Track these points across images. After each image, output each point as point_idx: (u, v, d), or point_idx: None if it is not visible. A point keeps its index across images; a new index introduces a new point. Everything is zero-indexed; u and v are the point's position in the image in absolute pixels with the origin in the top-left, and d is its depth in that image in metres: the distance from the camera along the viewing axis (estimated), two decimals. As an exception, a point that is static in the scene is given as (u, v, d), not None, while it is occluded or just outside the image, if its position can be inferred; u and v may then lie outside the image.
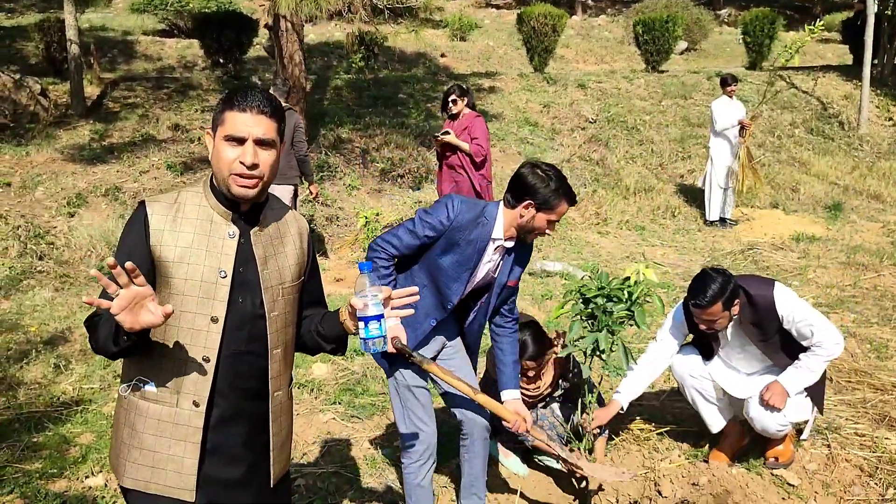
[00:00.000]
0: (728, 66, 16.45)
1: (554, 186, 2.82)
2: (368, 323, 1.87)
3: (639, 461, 3.84)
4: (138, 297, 1.69)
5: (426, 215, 2.91)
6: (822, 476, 3.64)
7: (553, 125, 11.96)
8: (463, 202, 2.91)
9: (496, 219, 2.92)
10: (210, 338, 1.88)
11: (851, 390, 4.54)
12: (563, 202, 2.85)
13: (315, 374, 4.93)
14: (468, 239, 2.89)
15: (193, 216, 1.90)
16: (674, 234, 9.19)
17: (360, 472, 3.82)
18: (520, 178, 2.88)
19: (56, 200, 8.13)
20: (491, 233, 2.91)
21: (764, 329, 3.57)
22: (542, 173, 2.85)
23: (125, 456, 1.94)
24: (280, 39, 9.61)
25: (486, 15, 22.19)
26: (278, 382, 2.02)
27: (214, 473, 1.94)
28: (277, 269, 1.98)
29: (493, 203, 2.97)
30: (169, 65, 14.06)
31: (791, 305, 3.49)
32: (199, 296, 1.87)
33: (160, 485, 1.90)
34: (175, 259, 1.86)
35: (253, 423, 1.99)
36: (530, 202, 2.84)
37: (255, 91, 1.87)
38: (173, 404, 1.89)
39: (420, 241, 2.91)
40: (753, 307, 3.53)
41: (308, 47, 13.74)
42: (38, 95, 10.20)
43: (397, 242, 2.93)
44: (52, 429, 4.21)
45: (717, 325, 3.50)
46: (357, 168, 9.92)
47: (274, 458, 2.05)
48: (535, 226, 2.89)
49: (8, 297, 6.48)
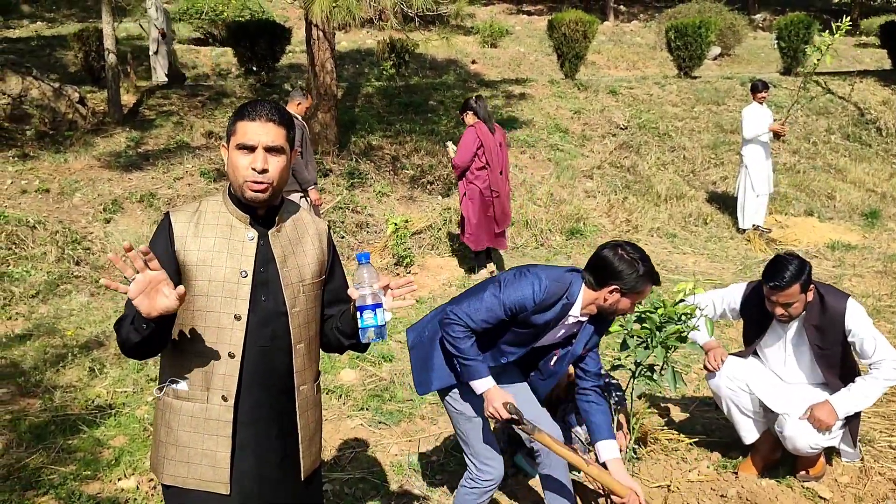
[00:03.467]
0: (762, 71, 16.26)
1: (642, 272, 2.72)
2: (363, 312, 1.92)
3: (667, 472, 3.81)
4: (154, 281, 1.78)
5: (510, 294, 2.77)
6: (855, 489, 3.58)
7: (584, 131, 11.91)
8: (550, 283, 2.77)
9: (579, 299, 2.81)
10: (235, 334, 1.98)
11: (886, 402, 4.45)
12: (648, 285, 2.75)
13: (343, 379, 4.97)
14: (544, 319, 2.79)
15: (214, 222, 2.03)
16: (706, 242, 9.10)
17: (387, 478, 3.84)
18: (604, 262, 2.75)
19: (93, 206, 8.30)
20: (569, 312, 2.82)
21: (825, 336, 3.51)
22: (628, 257, 2.73)
23: (163, 454, 2.04)
24: (312, 47, 9.71)
25: (517, 21, 22.20)
26: (303, 377, 2.11)
27: (247, 467, 2.02)
28: (297, 268, 2.08)
29: (578, 280, 2.84)
30: (203, 73, 14.28)
31: (861, 321, 3.46)
32: (223, 295, 1.98)
33: (196, 479, 2.00)
34: (198, 262, 1.99)
35: (281, 417, 2.07)
36: (616, 288, 2.74)
37: (264, 102, 1.99)
38: (204, 400, 2.00)
39: (501, 319, 2.80)
40: (823, 311, 3.49)
41: (339, 55, 13.86)
42: (76, 104, 10.42)
43: (478, 320, 2.79)
44: (86, 431, 4.29)
45: (794, 309, 3.43)
46: (387, 175, 9.98)
47: (303, 451, 2.13)
48: (619, 308, 2.80)
49: (45, 301, 6.62)
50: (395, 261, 7.84)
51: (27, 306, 6.48)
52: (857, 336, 3.46)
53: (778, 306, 3.44)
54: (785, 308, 3.43)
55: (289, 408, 2.09)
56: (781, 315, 3.47)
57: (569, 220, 9.07)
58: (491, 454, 2.98)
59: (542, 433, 2.76)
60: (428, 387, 3.00)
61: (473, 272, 7.56)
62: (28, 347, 5.60)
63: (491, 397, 2.78)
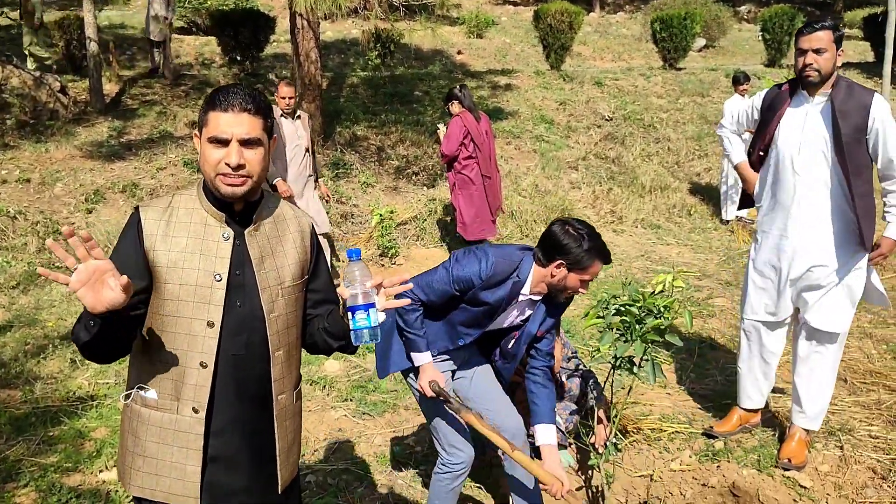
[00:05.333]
0: (747, 63, 16.31)
1: (587, 246, 2.68)
2: (356, 313, 1.78)
3: (649, 461, 3.83)
4: (98, 271, 1.60)
5: (459, 269, 2.78)
6: (835, 478, 3.62)
7: (569, 123, 11.92)
8: (496, 259, 2.76)
9: (529, 277, 2.80)
10: (207, 343, 1.84)
11: (866, 391, 4.50)
12: (596, 262, 2.71)
13: (327, 370, 4.96)
14: (495, 297, 2.78)
15: (187, 220, 1.87)
16: (689, 233, 9.14)
17: (370, 469, 3.83)
18: (551, 237, 2.74)
19: (74, 197, 8.22)
20: (520, 290, 2.81)
21: (847, 120, 3.42)
22: (574, 231, 2.70)
23: (130, 464, 1.93)
24: (296, 37, 9.65)
25: (503, 12, 22.14)
26: (281, 385, 1.97)
27: (218, 480, 1.90)
28: (275, 269, 1.93)
29: (528, 258, 2.82)
30: (187, 62, 14.14)
31: (887, 114, 3.44)
32: (195, 300, 1.83)
33: (165, 492, 1.88)
34: (169, 264, 1.83)
35: (257, 429, 1.95)
36: (562, 262, 2.71)
37: (238, 88, 1.81)
38: (174, 411, 1.87)
39: (450, 294, 2.82)
40: (850, 95, 3.45)
41: (324, 44, 13.77)
42: (57, 93, 10.30)
43: (430, 292, 2.84)
44: (67, 423, 4.26)
45: (824, 60, 3.41)
46: (372, 165, 9.94)
47: (281, 463, 1.99)
48: (567, 285, 2.76)
49: (26, 292, 6.56)
50: (380, 252, 7.82)
51: (7, 297, 6.41)
52: (880, 128, 3.41)
53: (809, 53, 3.42)
54: (816, 55, 3.41)
55: (265, 419, 1.95)
56: (811, 64, 3.42)
57: (554, 211, 9.07)
58: (457, 438, 2.99)
59: (469, 413, 2.77)
60: (386, 371, 3.04)
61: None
62: (8, 339, 5.54)
63: (422, 371, 2.88)
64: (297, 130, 6.34)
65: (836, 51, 3.42)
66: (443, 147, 7.06)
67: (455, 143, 6.97)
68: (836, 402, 4.33)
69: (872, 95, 3.44)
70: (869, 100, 3.42)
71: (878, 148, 3.45)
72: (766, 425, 4.15)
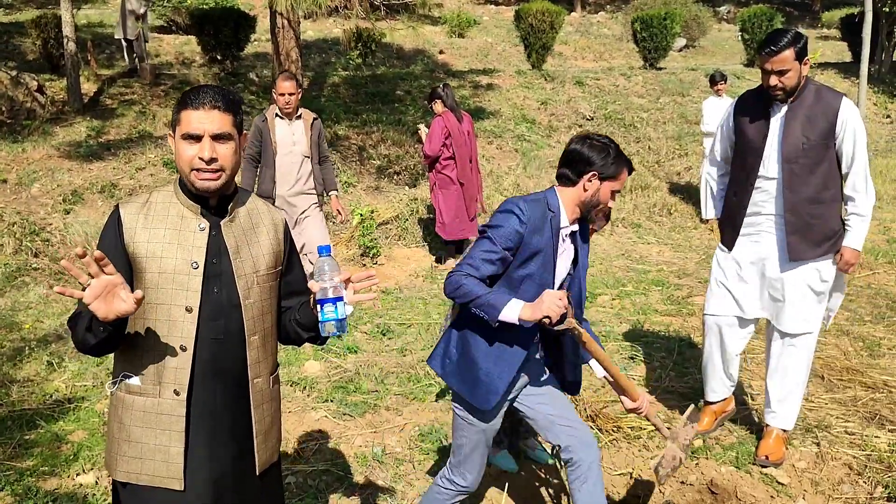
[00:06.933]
0: (727, 63, 16.44)
1: (614, 154, 2.70)
2: (324, 306, 1.90)
3: (629, 459, 3.85)
4: (109, 285, 1.76)
5: (497, 231, 2.66)
6: (812, 474, 3.65)
7: (550, 122, 11.96)
8: (524, 201, 2.71)
9: (560, 206, 2.76)
10: (186, 327, 1.95)
11: (843, 388, 4.55)
12: (623, 169, 2.73)
13: (308, 371, 4.94)
14: (544, 238, 2.70)
15: (164, 213, 1.99)
16: (669, 232, 9.20)
17: (351, 470, 3.82)
18: (576, 152, 2.72)
19: (52, 197, 8.13)
20: (559, 223, 2.74)
21: (814, 125, 3.45)
22: (598, 143, 2.71)
23: (116, 451, 2.01)
24: (276, 36, 9.61)
25: (485, 11, 22.18)
26: (257, 370, 2.07)
27: (200, 462, 1.99)
28: (251, 258, 2.04)
29: (550, 192, 2.78)
30: (167, 61, 14.05)
31: (855, 118, 3.45)
32: (174, 287, 1.95)
33: (150, 475, 1.97)
34: (148, 254, 1.95)
35: (235, 411, 2.04)
36: (594, 174, 2.69)
37: (208, 88, 1.94)
38: (156, 395, 1.97)
39: (501, 260, 2.66)
40: (818, 99, 3.47)
41: (305, 44, 13.73)
42: (34, 92, 10.19)
43: (480, 266, 2.64)
44: (44, 426, 4.22)
45: (788, 79, 3.40)
46: (353, 165, 9.92)
47: (258, 445, 2.09)
48: (601, 198, 2.74)
49: (2, 294, 6.48)
50: (361, 252, 7.80)
51: (-17, 299, 6.33)
52: (848, 132, 3.43)
53: (773, 75, 3.41)
54: (779, 77, 3.40)
55: (243, 401, 2.05)
56: (776, 85, 3.43)
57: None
58: (475, 467, 2.93)
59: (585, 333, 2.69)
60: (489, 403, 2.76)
61: (440, 262, 7.56)
62: (-16, 341, 5.48)
63: (528, 307, 2.53)
64: (293, 134, 5.50)
65: (801, 63, 3.41)
66: (425, 148, 7.07)
67: (437, 144, 6.98)
68: (812, 399, 4.37)
69: (840, 99, 3.47)
70: (837, 104, 3.45)
71: (844, 152, 3.50)
72: (744, 423, 4.18)
